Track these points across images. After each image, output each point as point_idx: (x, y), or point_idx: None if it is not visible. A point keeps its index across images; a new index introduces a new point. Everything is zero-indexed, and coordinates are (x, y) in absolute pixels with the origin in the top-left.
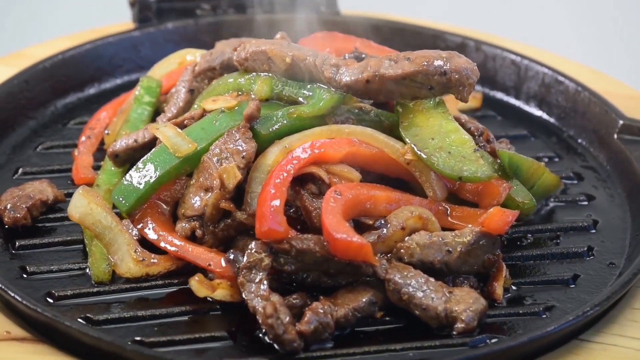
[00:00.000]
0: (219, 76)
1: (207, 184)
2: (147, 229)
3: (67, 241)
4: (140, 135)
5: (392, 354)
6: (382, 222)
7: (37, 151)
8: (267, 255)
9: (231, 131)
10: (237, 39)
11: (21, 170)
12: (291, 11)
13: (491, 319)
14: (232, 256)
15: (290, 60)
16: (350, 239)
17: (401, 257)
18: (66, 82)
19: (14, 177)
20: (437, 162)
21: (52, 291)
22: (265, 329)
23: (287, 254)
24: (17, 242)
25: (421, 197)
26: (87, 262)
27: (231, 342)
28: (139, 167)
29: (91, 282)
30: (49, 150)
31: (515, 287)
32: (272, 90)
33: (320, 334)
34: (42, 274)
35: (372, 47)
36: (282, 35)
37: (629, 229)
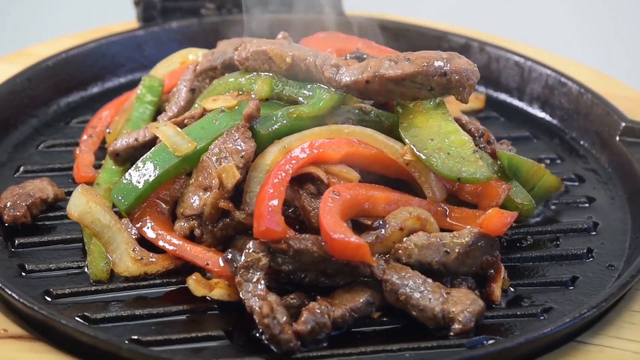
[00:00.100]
0: (220, 76)
1: (206, 183)
2: (146, 228)
3: (67, 239)
4: (141, 134)
5: (388, 355)
6: (381, 223)
7: (39, 149)
8: (265, 254)
9: (230, 131)
10: (239, 39)
11: (22, 168)
12: (296, 11)
13: (489, 320)
14: (230, 255)
15: (290, 60)
16: (347, 239)
17: (399, 257)
18: (69, 81)
19: (15, 175)
20: (436, 162)
21: (50, 289)
22: (261, 328)
23: (284, 254)
24: (17, 240)
25: (420, 197)
26: (86, 260)
27: (228, 341)
28: (138, 166)
29: (89, 280)
30: (51, 148)
31: (513, 288)
32: (273, 90)
33: (316, 334)
34: (40, 272)
35: (373, 48)
36: (283, 35)
37: (629, 232)
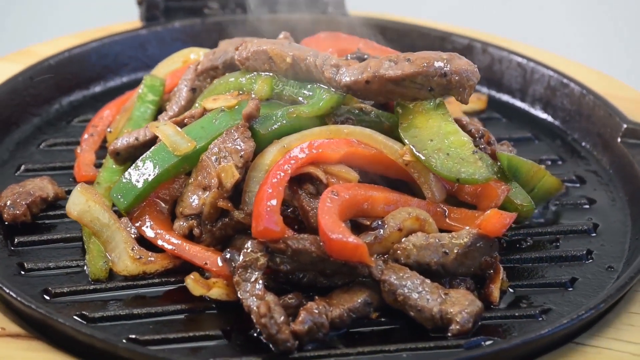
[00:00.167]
0: (222, 75)
1: (206, 182)
2: (145, 227)
3: (66, 238)
4: (141, 133)
5: (386, 355)
6: (379, 223)
7: (40, 148)
8: (263, 254)
9: (230, 130)
10: (240, 38)
11: (23, 167)
12: (299, 11)
13: (487, 321)
14: (228, 255)
15: (290, 60)
16: (345, 239)
17: (397, 258)
18: (71, 80)
19: (16, 174)
20: (435, 163)
21: (48, 288)
22: (259, 328)
23: (283, 254)
24: (16, 238)
25: (420, 198)
26: (85, 259)
27: (226, 341)
28: (138, 165)
29: (88, 279)
30: (52, 147)
31: (512, 289)
32: (273, 89)
33: (314, 334)
34: (39, 271)
35: (375, 48)
36: (285, 35)
37: (629, 233)
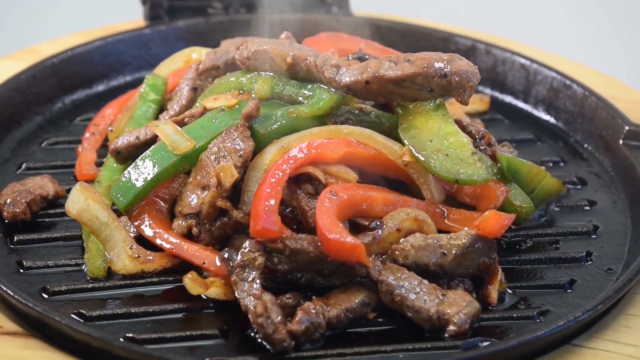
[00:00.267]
0: (223, 75)
1: (205, 182)
2: (144, 226)
3: (66, 237)
4: (142, 132)
5: (382, 356)
6: (378, 224)
7: (42, 147)
8: (261, 254)
9: (230, 130)
10: (242, 38)
11: (25, 165)
12: (303, 11)
13: (485, 322)
14: (226, 254)
15: (291, 60)
16: (343, 239)
17: (396, 258)
18: (74, 79)
19: (17, 172)
20: (435, 164)
21: (47, 286)
22: (255, 327)
23: (280, 254)
24: (16, 236)
25: (419, 199)
26: (84, 258)
27: (223, 340)
28: (137, 164)
29: (87, 278)
30: (54, 146)
31: (511, 290)
32: (273, 89)
33: (311, 334)
34: (38, 269)
35: (376, 49)
36: (287, 35)
37: (629, 235)
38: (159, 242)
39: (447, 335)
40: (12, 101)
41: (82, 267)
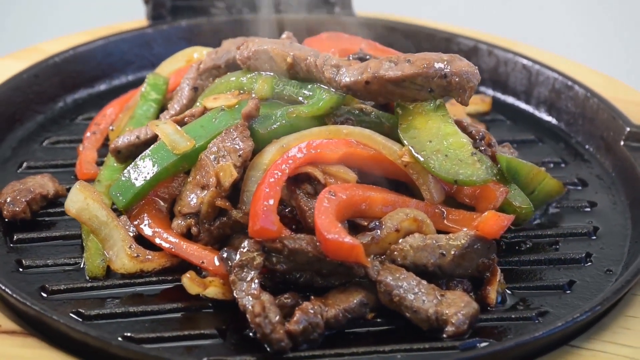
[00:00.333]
0: (224, 74)
1: (204, 181)
2: (143, 225)
3: (65, 236)
4: (142, 132)
5: (380, 356)
6: (377, 224)
7: (43, 146)
8: (260, 254)
9: (229, 129)
10: (243, 38)
11: (25, 164)
12: (305, 12)
13: (484, 323)
14: (225, 254)
15: (291, 59)
16: (341, 239)
17: (394, 259)
18: (76, 78)
19: (18, 171)
20: (434, 164)
21: (46, 285)
22: (253, 327)
23: (279, 253)
24: (15, 235)
25: (418, 199)
26: (83, 257)
27: (221, 339)
28: (137, 163)
29: (86, 277)
30: (55, 145)
31: (510, 291)
32: (273, 89)
33: (309, 334)
34: (37, 268)
35: (377, 49)
36: (287, 35)
37: (629, 237)
38: (158, 241)
39: (445, 335)
40: (13, 100)
41: (81, 266)
